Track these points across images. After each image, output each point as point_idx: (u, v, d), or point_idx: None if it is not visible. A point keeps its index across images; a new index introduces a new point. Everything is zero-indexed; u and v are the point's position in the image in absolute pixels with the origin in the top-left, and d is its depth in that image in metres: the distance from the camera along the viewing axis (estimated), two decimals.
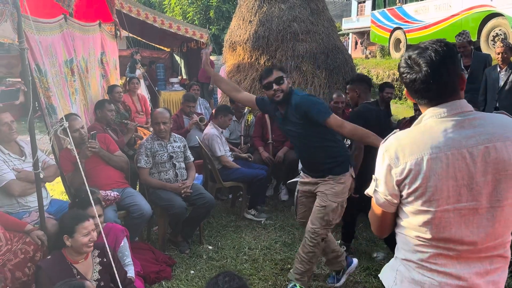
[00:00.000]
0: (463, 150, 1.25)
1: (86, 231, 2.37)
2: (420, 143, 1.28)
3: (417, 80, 1.31)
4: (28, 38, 3.05)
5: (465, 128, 1.27)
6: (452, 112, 1.29)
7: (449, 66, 1.28)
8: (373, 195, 1.43)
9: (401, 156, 1.30)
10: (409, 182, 1.29)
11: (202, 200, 3.64)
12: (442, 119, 1.30)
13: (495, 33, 8.92)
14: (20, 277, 2.48)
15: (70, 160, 3.41)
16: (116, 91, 5.02)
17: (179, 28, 9.12)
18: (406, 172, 1.29)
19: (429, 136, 1.29)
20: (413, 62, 1.33)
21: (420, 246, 1.34)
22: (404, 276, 1.39)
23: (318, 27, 5.70)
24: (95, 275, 2.45)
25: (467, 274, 1.29)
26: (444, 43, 1.30)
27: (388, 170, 1.33)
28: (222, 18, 18.43)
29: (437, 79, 1.29)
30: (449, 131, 1.27)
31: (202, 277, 3.26)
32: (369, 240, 3.84)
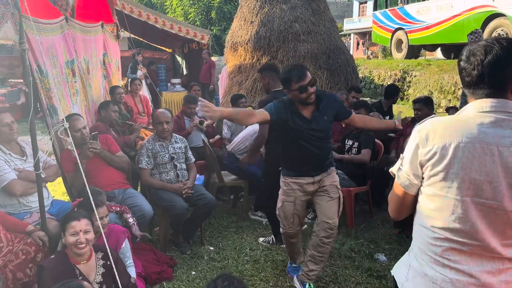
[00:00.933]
0: (493, 147, 1.25)
1: (73, 231, 2.33)
2: (452, 130, 1.30)
3: (466, 69, 1.34)
4: (29, 39, 3.05)
5: (502, 127, 1.27)
6: (495, 108, 1.29)
7: (502, 64, 1.28)
8: (397, 173, 1.45)
9: (431, 138, 1.32)
10: (432, 164, 1.32)
11: (203, 200, 3.64)
12: (483, 114, 1.30)
13: (497, 33, 8.89)
14: (21, 278, 2.49)
15: (71, 161, 3.42)
16: (117, 92, 5.04)
17: (180, 29, 9.14)
18: (431, 153, 1.31)
19: (463, 125, 1.30)
20: (471, 54, 1.33)
21: (434, 239, 1.34)
22: (416, 271, 1.40)
23: (320, 27, 5.70)
24: (98, 277, 2.44)
25: (479, 272, 1.29)
26: (506, 42, 1.30)
27: (416, 149, 1.36)
28: (223, 19, 18.45)
29: (487, 73, 1.29)
30: (484, 125, 1.27)
31: (203, 278, 3.26)
32: (371, 241, 3.83)
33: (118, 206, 3.33)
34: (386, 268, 3.33)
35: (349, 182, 4.17)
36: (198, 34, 9.44)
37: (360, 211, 4.57)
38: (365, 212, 4.54)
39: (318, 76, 5.41)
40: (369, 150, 4.13)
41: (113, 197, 3.52)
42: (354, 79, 5.81)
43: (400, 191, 1.45)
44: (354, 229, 4.10)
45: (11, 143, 3.04)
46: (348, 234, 4.00)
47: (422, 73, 10.95)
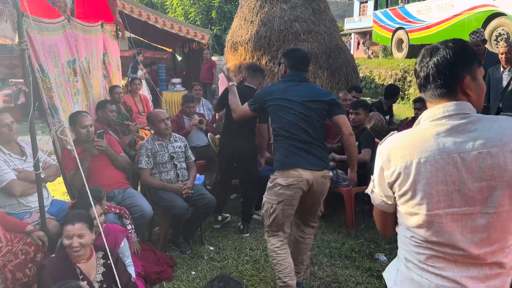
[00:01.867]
0: (454, 155, 1.22)
1: (67, 234, 2.33)
2: (411, 147, 1.28)
3: (416, 72, 1.36)
4: (30, 38, 3.05)
5: (459, 132, 1.24)
6: (448, 113, 1.27)
7: (450, 66, 1.27)
8: (371, 195, 1.45)
9: (393, 159, 1.32)
10: (398, 185, 1.31)
11: (203, 200, 3.63)
12: (437, 122, 1.28)
13: (498, 32, 8.89)
14: (20, 278, 2.48)
15: (72, 159, 3.41)
16: (116, 91, 5.02)
17: (181, 29, 9.14)
18: (396, 175, 1.31)
19: (421, 139, 1.28)
20: (423, 56, 1.34)
21: (417, 247, 1.33)
22: (404, 276, 1.39)
23: (320, 27, 5.70)
24: (98, 276, 2.45)
25: (464, 278, 1.26)
26: (456, 43, 1.29)
27: (381, 172, 1.37)
28: (224, 19, 18.44)
29: (433, 75, 1.29)
30: (441, 135, 1.25)
31: (203, 278, 3.26)
32: (371, 241, 3.82)
33: (117, 208, 3.32)
34: None
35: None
36: (199, 34, 9.44)
37: (360, 211, 4.56)
38: (365, 212, 4.53)
39: (319, 76, 5.40)
40: (369, 150, 4.12)
41: (113, 197, 3.51)
42: (355, 78, 5.80)
43: (378, 211, 1.46)
44: (354, 229, 4.10)
45: (10, 143, 3.04)
46: (348, 234, 4.00)
47: None
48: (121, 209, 3.33)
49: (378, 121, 4.92)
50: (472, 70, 1.28)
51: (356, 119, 4.20)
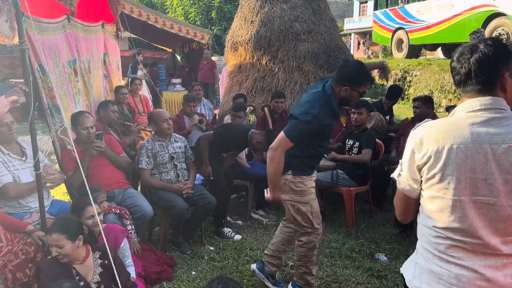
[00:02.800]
0: (485, 145, 1.28)
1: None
2: (445, 132, 1.34)
3: (456, 68, 1.39)
4: (30, 38, 3.05)
5: (493, 125, 1.30)
6: (485, 106, 1.32)
7: (491, 61, 1.32)
8: (397, 178, 1.49)
9: (425, 142, 1.37)
10: (428, 168, 1.36)
11: (203, 200, 3.63)
12: (473, 113, 1.33)
13: (497, 32, 8.88)
14: (21, 278, 2.48)
15: (72, 159, 3.41)
16: (122, 92, 5.02)
17: (181, 29, 9.13)
18: (426, 157, 1.35)
19: (455, 127, 1.34)
20: (461, 53, 1.38)
21: (437, 238, 1.37)
22: (423, 268, 1.43)
23: (320, 27, 5.70)
24: (96, 277, 2.44)
25: (482, 267, 1.31)
26: (494, 41, 1.34)
27: (412, 154, 1.41)
28: (224, 19, 18.45)
29: (475, 70, 1.33)
30: (476, 125, 1.31)
31: (203, 278, 3.25)
32: (371, 241, 3.82)
33: (118, 208, 3.32)
34: (387, 268, 3.33)
35: (350, 182, 4.16)
36: (198, 34, 9.44)
37: (360, 211, 4.56)
38: (366, 212, 4.53)
39: (319, 76, 5.40)
40: (370, 150, 4.12)
41: (113, 197, 3.51)
42: None
43: (402, 196, 1.49)
44: (355, 229, 4.09)
45: (10, 143, 3.03)
46: (349, 234, 4.00)
47: (422, 73, 10.95)
48: (121, 209, 3.33)
49: (378, 121, 4.92)
50: (510, 67, 1.34)
51: (359, 118, 4.21)
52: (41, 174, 2.69)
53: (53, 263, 2.35)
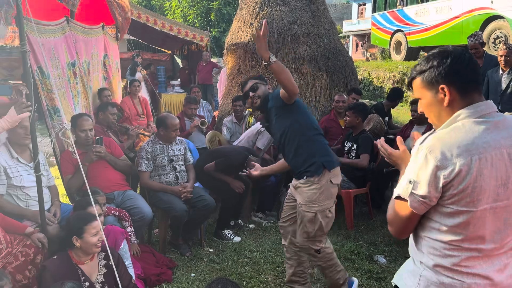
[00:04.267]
0: (502, 150, 1.28)
1: (95, 231, 2.39)
2: (468, 144, 1.27)
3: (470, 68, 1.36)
4: (30, 41, 3.06)
5: (500, 129, 1.30)
6: (486, 111, 1.32)
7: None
8: (409, 198, 1.35)
9: (449, 156, 1.27)
10: (456, 183, 1.27)
11: (202, 202, 3.63)
12: (479, 119, 1.31)
13: (495, 35, 8.92)
14: (20, 280, 2.48)
15: (71, 162, 3.42)
16: (104, 94, 4.98)
17: (180, 31, 9.15)
18: (455, 172, 1.26)
19: (473, 136, 1.29)
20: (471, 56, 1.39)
21: (451, 251, 1.34)
22: (430, 281, 1.38)
23: (319, 29, 5.70)
24: (100, 277, 2.46)
25: (491, 272, 1.32)
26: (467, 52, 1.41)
27: (435, 171, 1.28)
28: (223, 21, 18.45)
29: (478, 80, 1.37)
30: (489, 132, 1.29)
31: (202, 280, 3.26)
32: (370, 243, 3.83)
33: (117, 210, 3.33)
34: (386, 270, 3.34)
35: (349, 184, 4.17)
36: (197, 35, 9.46)
37: (359, 213, 4.57)
38: (365, 214, 4.54)
39: (318, 78, 5.41)
40: (367, 155, 4.13)
41: (113, 199, 3.52)
42: (354, 81, 5.80)
43: (408, 213, 1.37)
44: (354, 231, 4.10)
45: (23, 147, 3.00)
46: (348, 236, 4.01)
47: None
48: (120, 211, 3.33)
49: (377, 123, 4.93)
50: None
51: (347, 120, 4.34)
52: (40, 176, 2.69)
53: (60, 263, 2.37)
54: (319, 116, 5.18)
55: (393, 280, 1.53)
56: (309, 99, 5.27)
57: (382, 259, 3.52)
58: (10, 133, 2.93)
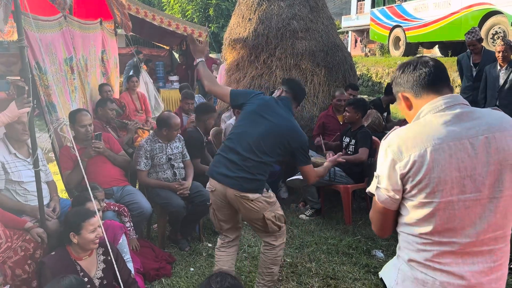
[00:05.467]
0: (464, 141, 1.28)
1: (93, 228, 2.39)
2: (422, 136, 1.31)
3: (422, 74, 1.39)
4: (28, 36, 3.05)
5: (463, 120, 1.30)
6: (449, 104, 1.33)
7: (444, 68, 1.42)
8: (375, 192, 1.43)
9: (404, 149, 1.32)
10: (412, 174, 1.30)
11: (200, 198, 3.64)
12: (441, 113, 1.33)
13: (494, 31, 8.92)
14: (20, 274, 2.49)
15: (69, 158, 3.42)
16: (105, 90, 4.98)
17: (178, 26, 9.12)
18: (410, 164, 1.30)
19: (430, 129, 1.31)
20: (419, 64, 1.42)
21: (424, 245, 1.35)
22: (406, 275, 1.40)
23: (318, 24, 5.69)
24: (99, 273, 2.47)
25: (469, 273, 1.30)
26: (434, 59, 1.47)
27: (392, 165, 1.34)
28: (221, 16, 18.40)
29: (440, 74, 1.38)
30: (449, 123, 1.30)
31: (201, 274, 3.27)
32: (368, 238, 3.85)
33: (116, 206, 3.34)
34: (383, 264, 3.33)
35: (347, 179, 4.19)
36: (196, 31, 9.43)
37: (357, 208, 4.59)
38: (363, 209, 4.56)
39: (316, 74, 5.40)
40: (366, 149, 4.14)
41: (112, 194, 3.53)
42: (352, 76, 5.80)
43: (381, 209, 1.43)
44: (352, 226, 4.13)
45: (20, 143, 3.00)
46: (346, 231, 4.03)
47: None
48: (120, 206, 3.34)
49: (375, 118, 4.95)
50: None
51: (346, 116, 4.34)
52: (39, 171, 2.69)
53: (58, 259, 2.38)
54: (317, 112, 5.18)
55: (379, 273, 1.56)
56: (308, 95, 5.28)
57: (380, 254, 3.54)
58: (8, 129, 2.94)
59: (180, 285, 3.12)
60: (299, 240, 3.82)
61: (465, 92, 5.19)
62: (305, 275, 3.21)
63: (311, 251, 3.60)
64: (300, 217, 4.36)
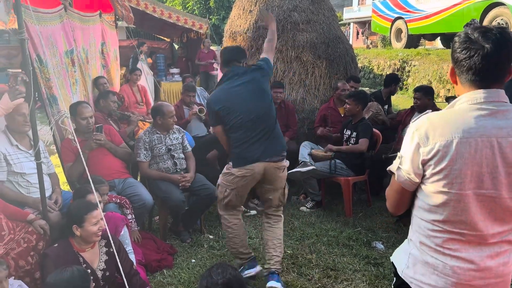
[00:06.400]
0: (492, 139, 1.27)
1: (95, 220, 2.41)
2: (452, 126, 1.30)
3: (475, 56, 1.30)
4: (28, 29, 3.05)
5: (497, 118, 1.29)
6: (488, 99, 1.31)
7: (510, 51, 1.29)
8: (396, 172, 1.44)
9: (431, 136, 1.31)
10: (435, 163, 1.31)
11: (206, 191, 3.63)
12: (477, 106, 1.31)
13: (496, 22, 8.86)
14: (23, 266, 2.51)
15: (71, 150, 3.44)
16: (101, 82, 4.97)
17: (179, 18, 9.07)
18: (434, 152, 1.31)
19: (461, 120, 1.30)
20: (475, 38, 1.32)
21: (434, 231, 1.37)
22: (417, 259, 1.43)
23: (319, 16, 5.66)
24: (101, 264, 2.49)
25: (478, 257, 1.33)
26: (506, 29, 1.33)
27: (417, 148, 1.34)
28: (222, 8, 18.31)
29: (496, 60, 1.29)
30: (482, 118, 1.29)
31: (203, 265, 3.30)
32: (368, 230, 3.87)
33: (118, 198, 3.35)
34: (383, 256, 3.38)
35: (348, 171, 4.20)
36: (196, 23, 9.37)
37: (358, 200, 4.61)
38: (363, 201, 4.57)
39: (317, 66, 5.39)
40: (366, 140, 4.15)
41: (113, 187, 3.54)
42: (353, 68, 5.78)
43: (399, 189, 1.45)
44: (352, 218, 4.14)
45: (21, 134, 3.00)
46: (346, 222, 4.05)
47: (421, 63, 10.94)
48: (121, 199, 3.36)
49: (376, 111, 4.95)
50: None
51: (347, 108, 4.35)
52: (41, 164, 2.71)
53: (61, 251, 2.40)
54: (318, 104, 5.18)
55: (391, 257, 1.59)
56: (309, 87, 5.27)
57: (380, 245, 3.56)
58: (9, 121, 2.95)
59: (182, 276, 3.15)
60: (299, 232, 3.84)
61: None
62: (305, 266, 3.23)
63: (311, 242, 3.63)
64: (301, 209, 4.38)
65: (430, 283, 1.39)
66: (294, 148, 4.46)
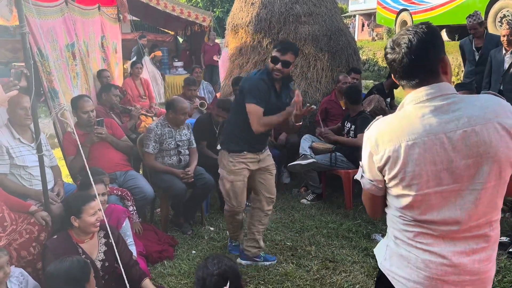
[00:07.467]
0: (440, 135, 1.26)
1: (93, 211, 2.44)
2: (398, 130, 1.31)
3: (395, 61, 1.35)
4: (29, 22, 3.07)
5: (443, 112, 1.28)
6: (431, 95, 1.30)
7: (428, 48, 1.30)
8: (361, 180, 1.48)
9: (381, 143, 1.34)
10: (388, 168, 1.33)
11: (201, 181, 3.69)
12: (421, 104, 1.31)
13: (502, 14, 8.75)
14: (25, 256, 2.56)
15: (73, 144, 3.47)
16: (104, 75, 4.99)
17: (182, 11, 9.06)
18: (385, 158, 1.33)
19: (407, 122, 1.31)
20: (395, 44, 1.35)
21: (405, 226, 1.38)
22: (393, 251, 1.44)
23: (321, 9, 5.64)
24: (100, 255, 2.53)
25: (450, 253, 1.32)
26: (426, 26, 1.31)
27: (370, 157, 1.39)
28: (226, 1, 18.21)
29: (415, 61, 1.30)
30: (426, 117, 1.29)
31: (203, 256, 3.34)
32: (368, 222, 3.89)
33: (119, 190, 3.39)
34: None
35: (348, 164, 4.21)
36: (200, 16, 9.36)
37: (358, 192, 4.60)
38: None
39: (319, 59, 5.37)
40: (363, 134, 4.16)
41: (115, 179, 3.58)
42: (356, 61, 5.76)
43: (369, 195, 1.48)
44: (352, 210, 4.16)
45: (24, 128, 3.04)
46: (346, 215, 4.07)
47: None
48: (123, 191, 3.40)
49: (378, 104, 4.92)
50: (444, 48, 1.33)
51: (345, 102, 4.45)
52: (43, 156, 2.74)
53: (60, 242, 2.44)
54: (320, 97, 5.17)
55: (374, 249, 1.61)
56: (311, 80, 5.26)
57: (380, 238, 3.58)
58: (11, 114, 2.99)
59: (182, 267, 3.19)
60: (299, 224, 3.87)
61: (468, 77, 5.13)
62: (305, 258, 3.26)
63: (311, 234, 3.65)
64: (301, 202, 4.40)
65: (404, 276, 1.39)
66: (295, 141, 4.47)
